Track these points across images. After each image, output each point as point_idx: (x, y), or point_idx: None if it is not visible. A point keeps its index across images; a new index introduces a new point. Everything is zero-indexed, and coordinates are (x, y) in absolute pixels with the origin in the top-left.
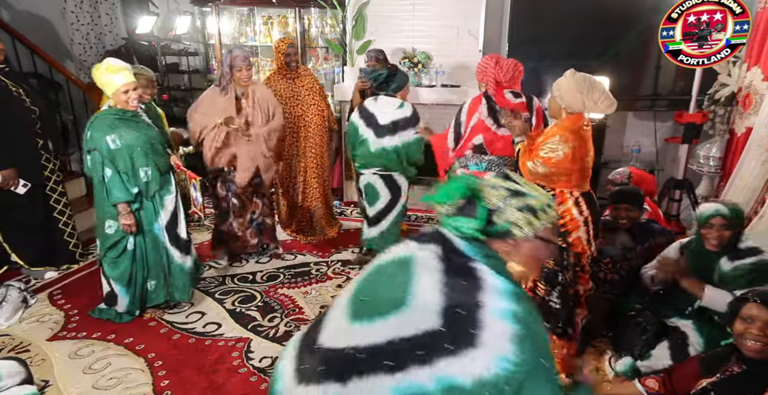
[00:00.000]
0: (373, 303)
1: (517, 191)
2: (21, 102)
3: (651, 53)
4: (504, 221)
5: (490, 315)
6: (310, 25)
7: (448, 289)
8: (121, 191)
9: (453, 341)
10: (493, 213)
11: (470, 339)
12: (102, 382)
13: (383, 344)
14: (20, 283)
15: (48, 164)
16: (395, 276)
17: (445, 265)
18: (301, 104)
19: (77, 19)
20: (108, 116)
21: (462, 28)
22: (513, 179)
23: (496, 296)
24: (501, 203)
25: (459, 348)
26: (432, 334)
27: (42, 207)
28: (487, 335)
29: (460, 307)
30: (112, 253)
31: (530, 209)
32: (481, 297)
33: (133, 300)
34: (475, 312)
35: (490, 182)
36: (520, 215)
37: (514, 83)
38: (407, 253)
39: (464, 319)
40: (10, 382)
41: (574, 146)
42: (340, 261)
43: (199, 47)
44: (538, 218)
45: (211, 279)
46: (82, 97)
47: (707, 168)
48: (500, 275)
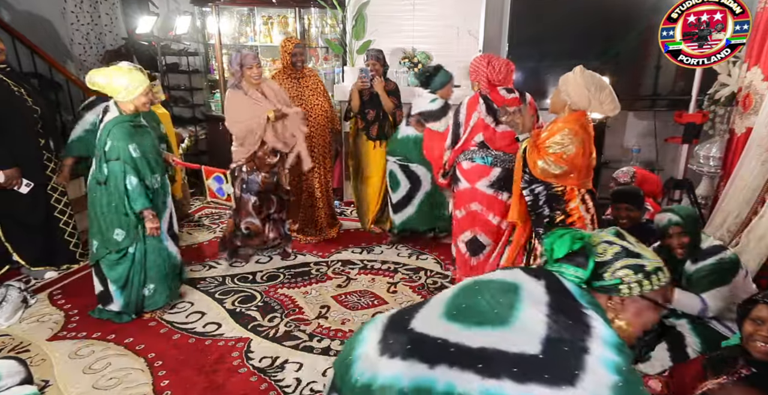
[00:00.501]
0: (471, 313)
1: (632, 250)
2: (23, 102)
3: (651, 53)
4: (614, 277)
5: (595, 361)
6: (310, 25)
7: (552, 322)
8: (145, 198)
9: (552, 373)
10: (602, 267)
11: (571, 378)
12: (102, 382)
13: (475, 348)
14: (20, 283)
15: (49, 164)
16: (500, 296)
17: (552, 300)
18: (304, 103)
19: (77, 19)
20: (125, 124)
21: (462, 28)
22: (627, 238)
23: (603, 345)
24: (613, 259)
25: (557, 382)
26: (529, 358)
27: (43, 207)
28: (589, 378)
29: (563, 343)
30: (113, 255)
31: (642, 269)
32: (588, 343)
33: (128, 303)
34: (581, 354)
35: (606, 237)
36: (632, 274)
37: (507, 81)
38: (515, 280)
39: (568, 356)
40: (9, 382)
41: (583, 139)
42: (340, 261)
43: (199, 47)
44: (649, 280)
45: (211, 279)
46: (82, 97)
47: (707, 168)
48: (608, 326)
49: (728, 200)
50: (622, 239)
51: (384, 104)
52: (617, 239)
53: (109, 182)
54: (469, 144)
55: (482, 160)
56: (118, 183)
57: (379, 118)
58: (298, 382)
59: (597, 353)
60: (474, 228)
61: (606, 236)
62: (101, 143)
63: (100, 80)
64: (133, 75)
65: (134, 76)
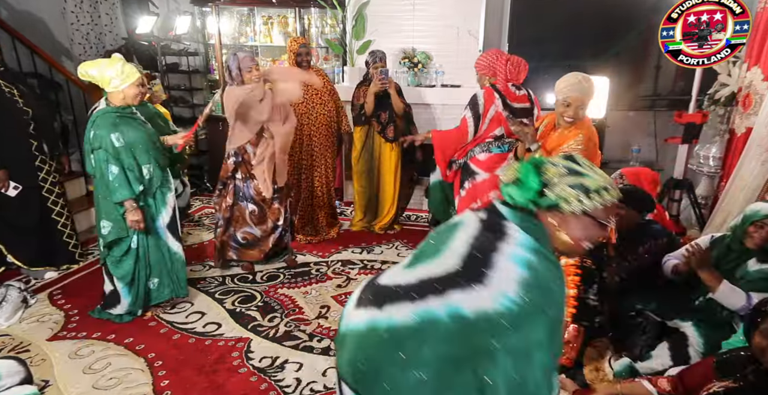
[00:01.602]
0: (419, 256)
1: (575, 170)
2: (13, 103)
3: (651, 53)
4: (555, 195)
5: (504, 259)
6: (310, 25)
7: (474, 240)
8: (126, 189)
9: (465, 277)
10: (546, 186)
11: (481, 277)
12: (102, 382)
13: (415, 282)
14: (20, 283)
15: (44, 166)
16: (442, 234)
17: (482, 224)
18: (306, 101)
19: (77, 19)
20: (109, 114)
21: (462, 28)
22: (576, 160)
23: (516, 246)
24: (556, 178)
25: (469, 284)
26: (452, 274)
27: (37, 209)
28: (497, 275)
29: (478, 251)
30: (116, 252)
31: (583, 187)
32: (499, 244)
33: (136, 299)
34: (490, 254)
35: (553, 159)
36: (572, 192)
37: (520, 79)
38: (459, 219)
39: (479, 260)
40: (9, 382)
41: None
42: (340, 261)
43: (199, 47)
44: (589, 198)
45: (211, 279)
46: (82, 97)
47: (707, 168)
48: (528, 234)
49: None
50: (569, 161)
51: (394, 105)
52: (564, 160)
53: (96, 173)
54: (486, 136)
55: (498, 149)
56: (104, 173)
57: (393, 119)
58: (298, 382)
59: (507, 251)
60: None
61: (555, 159)
62: (87, 135)
63: (92, 71)
64: (123, 65)
65: (124, 66)
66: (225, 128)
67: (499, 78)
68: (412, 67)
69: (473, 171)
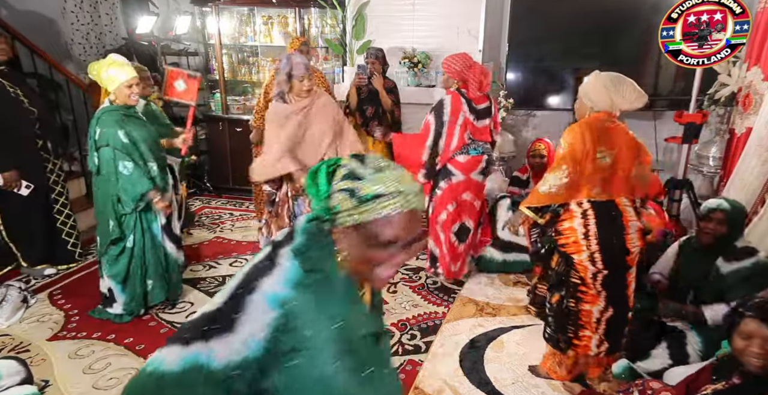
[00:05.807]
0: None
1: (356, 172)
2: (19, 103)
3: (651, 53)
4: (334, 205)
5: (259, 299)
6: (310, 25)
7: (245, 274)
8: (146, 180)
9: (220, 322)
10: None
11: (231, 323)
12: (102, 382)
13: (197, 318)
14: (20, 283)
15: (47, 164)
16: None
17: (270, 248)
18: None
19: (77, 19)
20: (114, 112)
21: (462, 28)
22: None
23: (277, 282)
24: (335, 182)
25: (222, 331)
26: (214, 313)
27: (43, 207)
28: (247, 319)
29: (240, 289)
30: (113, 250)
31: (354, 194)
32: (260, 282)
33: (133, 297)
34: (245, 296)
35: (346, 160)
36: (346, 200)
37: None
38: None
39: (236, 301)
40: (9, 382)
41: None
42: None
43: (199, 47)
44: (360, 207)
45: (211, 279)
46: (82, 97)
47: (707, 168)
48: (301, 260)
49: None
50: (355, 160)
51: (383, 101)
52: (350, 159)
53: (101, 171)
54: (462, 144)
55: (475, 151)
56: (110, 170)
57: (379, 115)
58: None
59: (264, 289)
60: (462, 217)
61: (348, 160)
62: (92, 132)
63: (95, 72)
64: (117, 66)
65: (118, 67)
66: (225, 127)
67: (471, 88)
68: (412, 67)
69: (450, 172)
